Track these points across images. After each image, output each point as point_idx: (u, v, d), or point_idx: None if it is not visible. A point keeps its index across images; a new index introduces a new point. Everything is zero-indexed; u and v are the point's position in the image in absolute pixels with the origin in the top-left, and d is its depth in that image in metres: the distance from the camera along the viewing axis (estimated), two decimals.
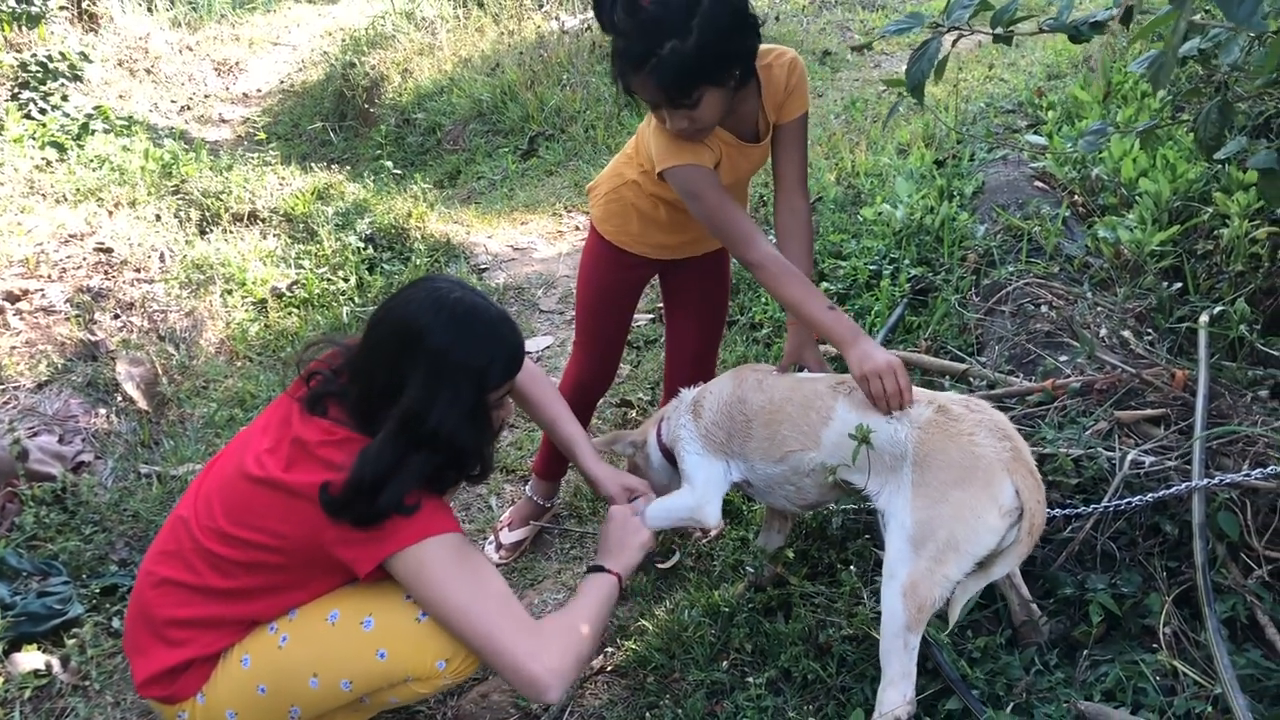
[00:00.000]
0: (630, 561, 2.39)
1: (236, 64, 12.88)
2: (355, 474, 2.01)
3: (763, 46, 2.42)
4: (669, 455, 2.64)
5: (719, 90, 2.32)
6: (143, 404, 4.07)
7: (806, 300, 2.40)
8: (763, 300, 4.18)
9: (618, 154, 2.88)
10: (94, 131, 7.10)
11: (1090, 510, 2.41)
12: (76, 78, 8.14)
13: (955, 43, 2.20)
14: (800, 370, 2.68)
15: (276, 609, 2.16)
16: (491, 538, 3.31)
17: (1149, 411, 2.65)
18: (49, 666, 2.72)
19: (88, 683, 2.71)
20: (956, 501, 2.04)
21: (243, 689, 2.13)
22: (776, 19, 9.21)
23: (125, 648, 2.21)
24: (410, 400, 2.06)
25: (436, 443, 2.08)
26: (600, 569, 2.34)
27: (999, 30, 2.14)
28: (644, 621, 2.78)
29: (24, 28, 8.36)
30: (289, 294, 5.14)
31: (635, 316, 3.28)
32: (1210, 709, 2.00)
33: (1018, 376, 3.06)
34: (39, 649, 2.77)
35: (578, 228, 6.35)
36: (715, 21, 2.20)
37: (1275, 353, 2.78)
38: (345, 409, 2.16)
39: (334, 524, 2.03)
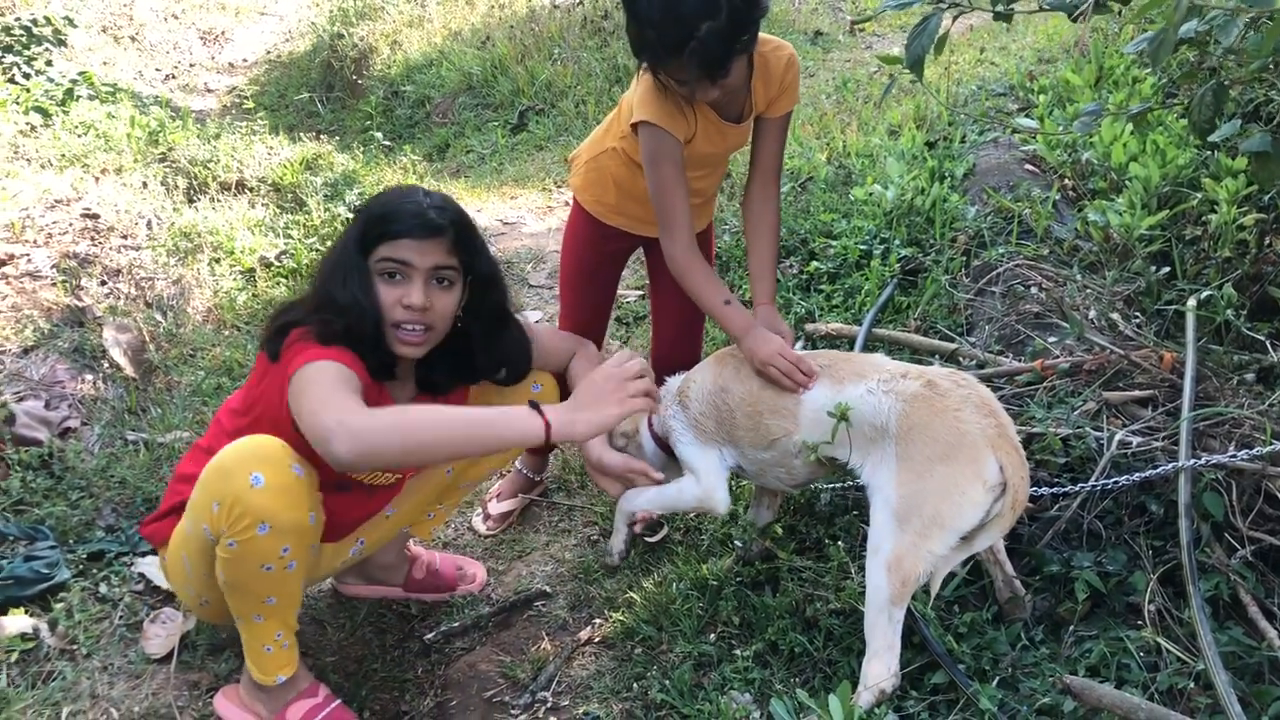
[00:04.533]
0: (576, 423, 2.09)
1: (222, 33, 12.77)
2: (271, 317, 2.30)
3: (761, 35, 2.46)
4: (662, 445, 2.65)
5: (744, 54, 2.39)
6: (130, 371, 4.04)
7: (705, 292, 2.58)
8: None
9: (601, 123, 2.89)
10: (79, 98, 7.01)
11: (1077, 489, 2.43)
12: (60, 42, 8.03)
13: (955, 19, 2.20)
14: None
15: None
16: (480, 509, 3.32)
17: (1137, 393, 2.68)
18: (36, 630, 2.70)
19: (75, 647, 2.70)
20: (941, 476, 2.06)
21: (182, 522, 2.28)
22: None
23: None
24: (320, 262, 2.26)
25: (319, 292, 2.24)
26: (536, 408, 2.08)
27: (999, 8, 2.14)
28: (632, 594, 2.80)
29: None
30: (277, 263, 5.11)
31: (623, 293, 3.29)
32: (1192, 684, 2.02)
33: (1007, 357, 3.08)
34: (26, 613, 2.76)
35: (567, 203, 6.32)
36: None
37: (1261, 337, 2.81)
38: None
39: (273, 366, 2.20)
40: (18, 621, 2.71)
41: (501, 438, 2.07)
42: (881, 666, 2.09)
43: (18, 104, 6.33)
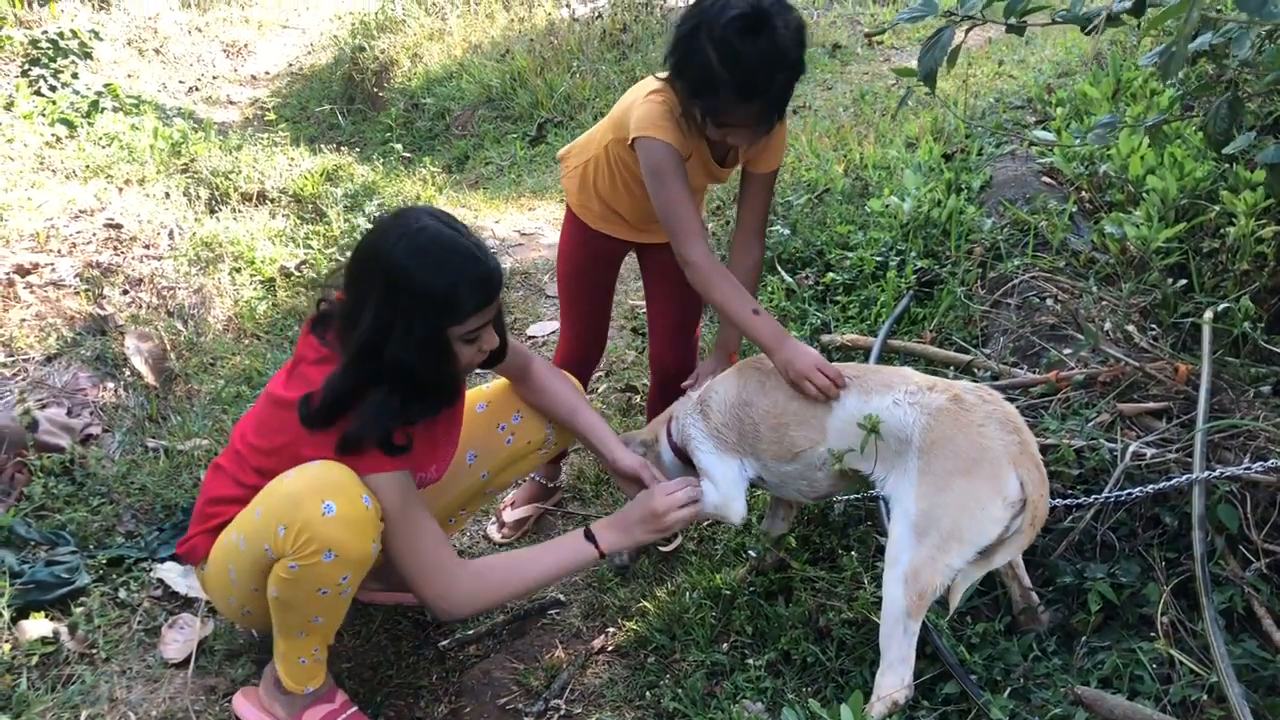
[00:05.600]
0: (626, 544, 2.46)
1: (245, 46, 12.90)
2: (322, 395, 2.16)
3: None
4: (680, 454, 2.66)
5: None
6: (150, 379, 4.09)
7: (733, 302, 2.55)
8: (769, 290, 4.19)
9: (593, 128, 2.92)
10: (103, 109, 7.10)
11: (1091, 500, 2.43)
12: (87, 55, 8.14)
13: (968, 32, 2.21)
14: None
15: None
16: (495, 517, 3.34)
17: (1151, 404, 2.67)
18: (56, 634, 2.74)
19: (94, 651, 2.73)
20: (961, 491, 2.06)
21: (217, 545, 2.33)
22: None
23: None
24: (366, 326, 2.11)
25: (395, 375, 2.14)
26: (590, 537, 2.42)
27: (1012, 21, 2.15)
28: (645, 603, 2.81)
29: (35, 4, 8.37)
30: (297, 273, 5.16)
31: (638, 303, 3.31)
32: (1206, 697, 2.02)
33: (1022, 368, 3.08)
34: (46, 617, 2.79)
35: None
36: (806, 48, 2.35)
37: (1278, 350, 2.79)
38: (335, 331, 2.24)
39: (311, 438, 2.17)
40: (38, 626, 2.74)
41: (568, 570, 2.46)
42: (895, 678, 2.09)
43: (44, 116, 6.42)
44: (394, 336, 2.10)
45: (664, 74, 2.57)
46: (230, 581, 2.31)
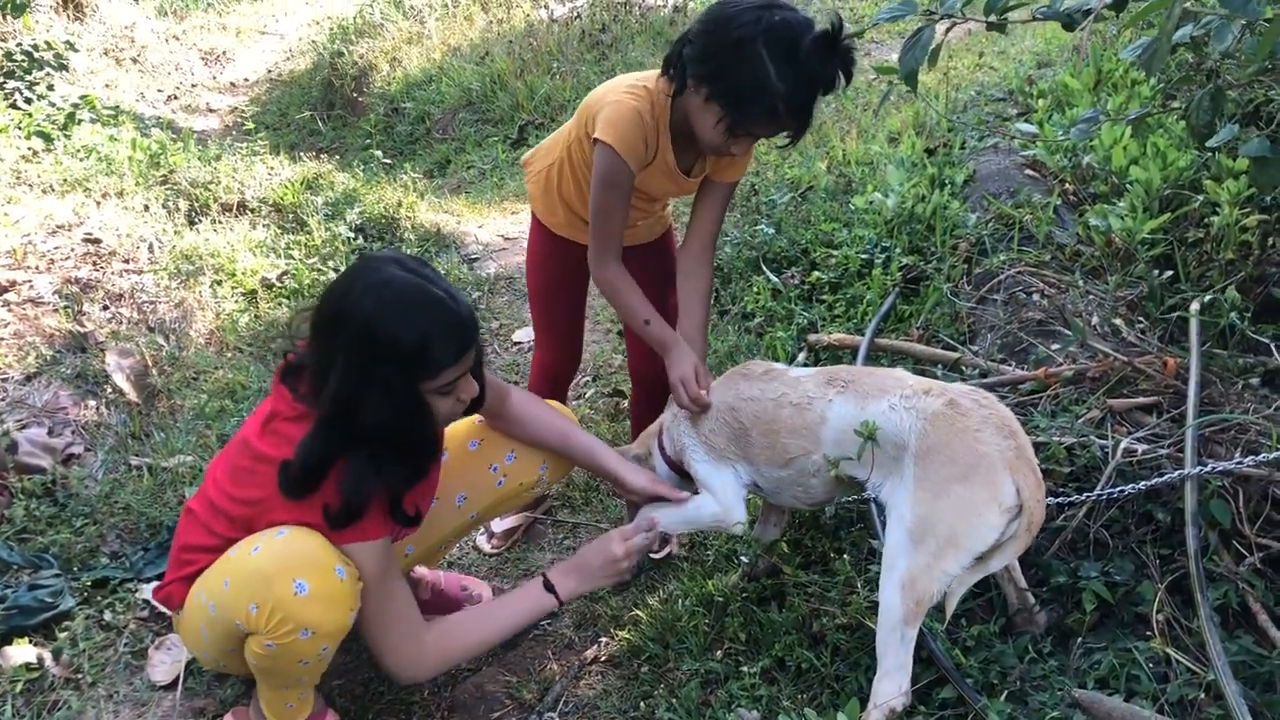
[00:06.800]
0: (584, 590, 2.47)
1: (224, 53, 12.80)
2: (297, 461, 2.05)
3: None
4: (674, 465, 2.64)
5: None
6: (132, 395, 4.05)
7: (631, 312, 2.68)
8: (754, 290, 4.17)
9: (557, 130, 2.88)
10: (80, 121, 7.03)
11: (1083, 498, 2.41)
12: (62, 67, 8.08)
13: (948, 30, 2.19)
14: None
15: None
16: (484, 527, 3.31)
17: (1141, 399, 2.66)
18: (40, 660, 2.70)
19: (80, 675, 2.70)
20: (958, 497, 2.04)
21: (190, 597, 2.22)
22: None
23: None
24: (337, 384, 2.00)
25: (369, 437, 2.05)
26: (549, 588, 2.41)
27: (992, 18, 2.13)
28: (638, 611, 2.78)
29: (9, 16, 8.29)
30: (279, 284, 5.11)
31: None
32: (1203, 695, 2.01)
33: (1010, 365, 3.06)
34: (30, 642, 2.75)
35: None
36: None
37: (1266, 340, 2.79)
38: (308, 383, 2.13)
39: (286, 502, 2.09)
40: (22, 651, 2.71)
41: (529, 621, 2.44)
42: (893, 685, 2.08)
43: (20, 129, 6.35)
44: (365, 397, 2.00)
45: (647, 73, 2.54)
46: (203, 639, 2.22)
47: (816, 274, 4.06)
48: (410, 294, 2.01)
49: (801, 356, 3.69)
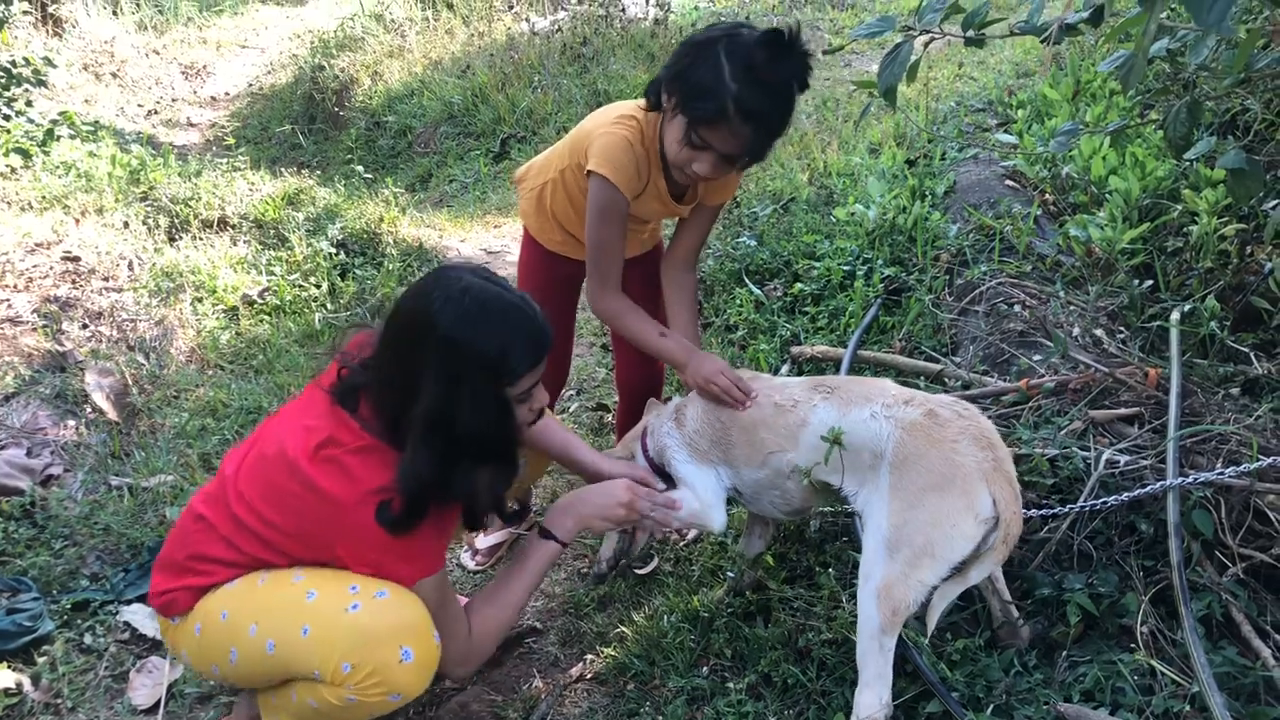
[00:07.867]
0: (580, 527, 2.42)
1: (204, 67, 12.76)
2: (406, 493, 1.99)
3: None
4: (656, 468, 2.64)
5: None
6: (112, 415, 4.01)
7: (642, 332, 2.67)
8: (737, 303, 4.17)
9: (551, 148, 2.88)
10: (59, 138, 6.97)
11: (1066, 510, 2.41)
12: (41, 83, 7.99)
13: (927, 45, 2.20)
14: None
15: (283, 564, 2.14)
16: (467, 545, 3.29)
17: (1123, 410, 2.67)
18: (19, 685, 2.67)
19: (60, 700, 2.67)
20: (933, 507, 2.04)
21: (211, 613, 2.13)
22: (747, 18, 9.21)
23: (156, 560, 2.24)
24: (429, 403, 1.97)
25: (471, 450, 2.03)
26: (549, 535, 2.37)
27: (970, 33, 2.14)
28: (623, 628, 2.77)
29: None
30: (260, 301, 5.09)
31: None
32: (1188, 707, 2.01)
33: (992, 376, 3.07)
34: (9, 667, 2.72)
35: None
36: None
37: (1245, 349, 2.80)
38: (372, 407, 2.09)
39: (353, 535, 2.03)
40: (1, 677, 2.67)
41: (544, 573, 2.40)
42: (873, 696, 2.07)
43: None
44: (459, 408, 1.97)
45: (634, 103, 2.56)
46: (228, 660, 2.12)
47: (799, 286, 4.07)
48: (490, 301, 2.01)
49: (785, 369, 3.69)
